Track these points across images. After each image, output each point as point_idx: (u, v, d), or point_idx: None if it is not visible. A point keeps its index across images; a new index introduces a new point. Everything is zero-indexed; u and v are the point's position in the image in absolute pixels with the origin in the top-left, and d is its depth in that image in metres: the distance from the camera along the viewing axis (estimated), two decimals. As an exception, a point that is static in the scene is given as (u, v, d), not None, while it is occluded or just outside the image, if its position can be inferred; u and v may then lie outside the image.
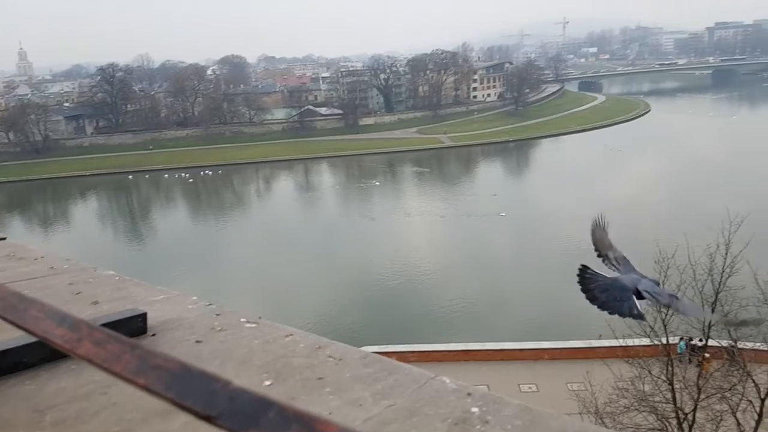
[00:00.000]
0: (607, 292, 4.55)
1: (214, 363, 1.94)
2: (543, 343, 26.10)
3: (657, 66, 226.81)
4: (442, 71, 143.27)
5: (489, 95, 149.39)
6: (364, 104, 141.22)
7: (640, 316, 4.70)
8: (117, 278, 2.83)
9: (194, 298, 2.57)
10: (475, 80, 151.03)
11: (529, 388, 22.88)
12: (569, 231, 57.91)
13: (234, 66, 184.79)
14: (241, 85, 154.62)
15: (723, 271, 16.16)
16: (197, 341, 2.11)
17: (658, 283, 5.28)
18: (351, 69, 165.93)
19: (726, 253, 16.28)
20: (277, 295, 46.61)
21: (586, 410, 16.02)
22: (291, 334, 2.08)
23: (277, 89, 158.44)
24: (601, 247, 5.47)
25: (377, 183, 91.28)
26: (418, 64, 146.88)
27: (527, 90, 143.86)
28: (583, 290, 4.73)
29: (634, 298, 4.41)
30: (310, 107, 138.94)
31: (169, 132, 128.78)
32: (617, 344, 17.72)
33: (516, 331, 34.23)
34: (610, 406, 15.79)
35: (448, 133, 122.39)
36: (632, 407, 15.60)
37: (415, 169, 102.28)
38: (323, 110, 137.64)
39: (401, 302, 43.74)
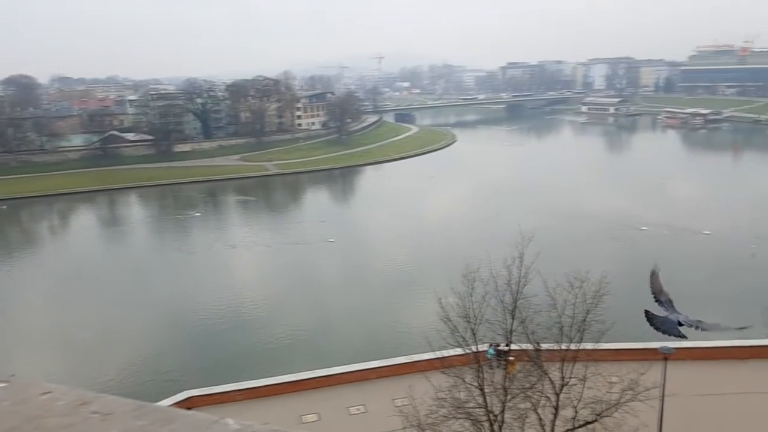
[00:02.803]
0: (664, 325, 14.09)
1: (-64, 437, 1.61)
2: (370, 363, 26.73)
3: (461, 100, 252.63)
4: (265, 98, 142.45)
5: (313, 123, 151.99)
6: (179, 130, 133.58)
7: (684, 337, 14.75)
8: None
9: None
10: (299, 108, 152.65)
11: (357, 409, 23.24)
12: (392, 253, 61.21)
13: (21, 87, 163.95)
14: (31, 108, 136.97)
15: (519, 281, 18.07)
16: None
17: (688, 317, 14.49)
18: (163, 92, 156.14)
19: (521, 265, 18.27)
20: (71, 350, 41.57)
21: (410, 424, 16.68)
22: (49, 392, 1.82)
23: (75, 113, 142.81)
24: (657, 292, 14.92)
25: (197, 214, 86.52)
26: (238, 89, 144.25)
27: (349, 119, 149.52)
28: (651, 325, 14.24)
29: (678, 327, 14.03)
30: (115, 133, 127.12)
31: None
32: (435, 356, 18.82)
33: (345, 354, 34.75)
34: (431, 417, 16.62)
35: (274, 160, 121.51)
36: (450, 416, 16.62)
37: (240, 197, 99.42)
38: (131, 136, 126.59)
39: (227, 339, 41.72)
